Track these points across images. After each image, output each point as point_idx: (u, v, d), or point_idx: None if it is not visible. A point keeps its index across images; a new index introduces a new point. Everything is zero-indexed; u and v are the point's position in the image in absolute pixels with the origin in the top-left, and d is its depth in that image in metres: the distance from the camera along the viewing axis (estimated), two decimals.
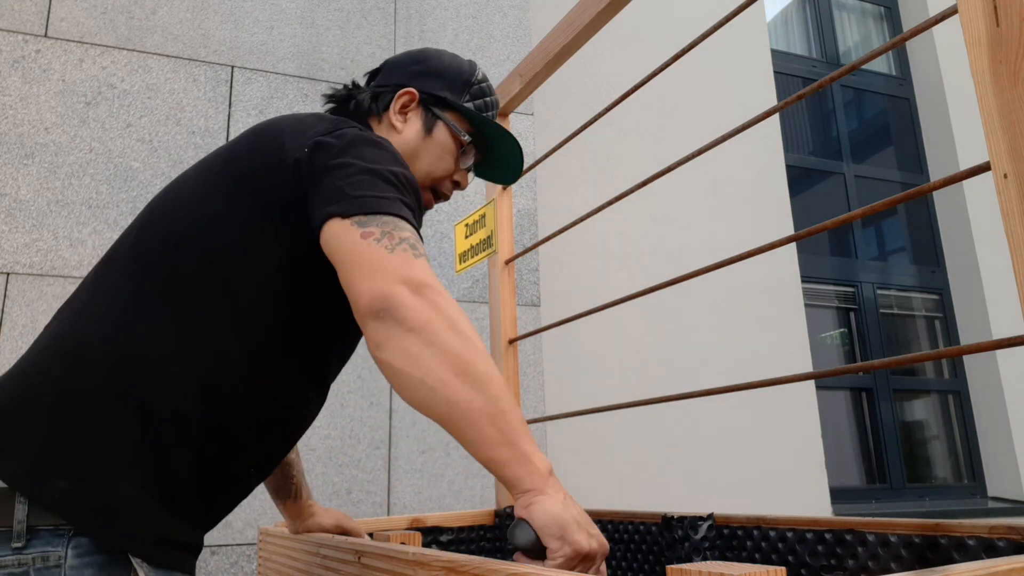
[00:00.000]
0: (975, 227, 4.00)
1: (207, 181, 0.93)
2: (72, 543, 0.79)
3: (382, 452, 2.39)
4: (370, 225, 0.82)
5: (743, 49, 3.73)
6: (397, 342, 0.78)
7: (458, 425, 0.77)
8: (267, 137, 0.93)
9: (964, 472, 3.91)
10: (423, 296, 0.79)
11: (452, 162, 1.12)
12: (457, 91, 1.12)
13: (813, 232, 1.04)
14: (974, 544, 0.94)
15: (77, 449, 0.81)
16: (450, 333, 0.78)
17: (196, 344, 0.86)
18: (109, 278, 0.91)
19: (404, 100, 1.10)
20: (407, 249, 0.82)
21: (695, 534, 1.26)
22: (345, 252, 0.82)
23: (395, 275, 0.79)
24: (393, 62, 1.16)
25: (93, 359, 0.84)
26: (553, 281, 3.05)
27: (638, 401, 1.35)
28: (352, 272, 0.81)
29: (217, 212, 0.90)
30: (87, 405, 0.82)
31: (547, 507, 0.74)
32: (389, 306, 0.78)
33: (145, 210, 0.97)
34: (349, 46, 2.70)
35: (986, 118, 0.77)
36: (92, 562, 0.79)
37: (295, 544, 1.24)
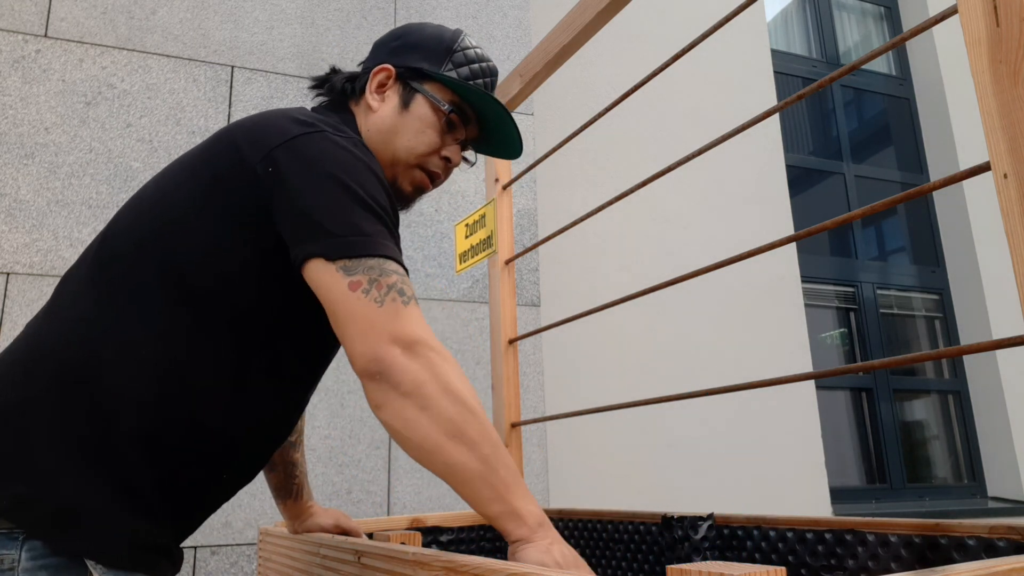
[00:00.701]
0: (975, 227, 4.00)
1: (167, 186, 0.92)
2: (26, 546, 0.79)
3: (382, 452, 2.39)
4: (356, 272, 0.83)
5: (743, 49, 3.73)
6: (393, 405, 0.81)
7: (455, 484, 0.82)
8: (226, 142, 0.91)
9: (964, 472, 3.91)
10: (416, 355, 0.82)
11: (436, 136, 1.06)
12: (436, 60, 1.07)
13: (813, 232, 1.04)
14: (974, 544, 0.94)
15: (31, 455, 0.81)
16: (443, 397, 0.81)
17: (152, 348, 0.86)
18: (72, 285, 0.91)
19: (380, 78, 1.06)
20: (396, 298, 0.83)
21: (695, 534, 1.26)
22: (335, 303, 0.83)
23: (387, 334, 0.81)
24: (377, 42, 1.13)
25: (47, 365, 0.84)
26: (553, 281, 3.05)
27: (638, 401, 1.35)
28: (344, 327, 0.83)
29: (176, 217, 0.89)
30: (40, 411, 0.82)
31: (530, 554, 0.81)
32: (383, 370, 0.81)
33: (115, 215, 0.97)
34: (349, 46, 2.70)
35: (986, 118, 0.77)
36: (47, 564, 0.79)
37: (295, 544, 1.24)
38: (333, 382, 2.39)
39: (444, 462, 0.81)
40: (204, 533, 2.15)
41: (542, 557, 0.80)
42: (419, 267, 2.60)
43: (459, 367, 0.85)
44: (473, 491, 0.82)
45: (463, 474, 0.81)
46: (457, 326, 2.60)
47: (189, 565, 2.12)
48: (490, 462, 0.82)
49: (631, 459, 3.00)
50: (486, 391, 2.55)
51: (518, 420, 1.68)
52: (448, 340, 2.57)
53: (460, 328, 2.60)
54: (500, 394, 1.70)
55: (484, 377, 2.58)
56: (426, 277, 2.60)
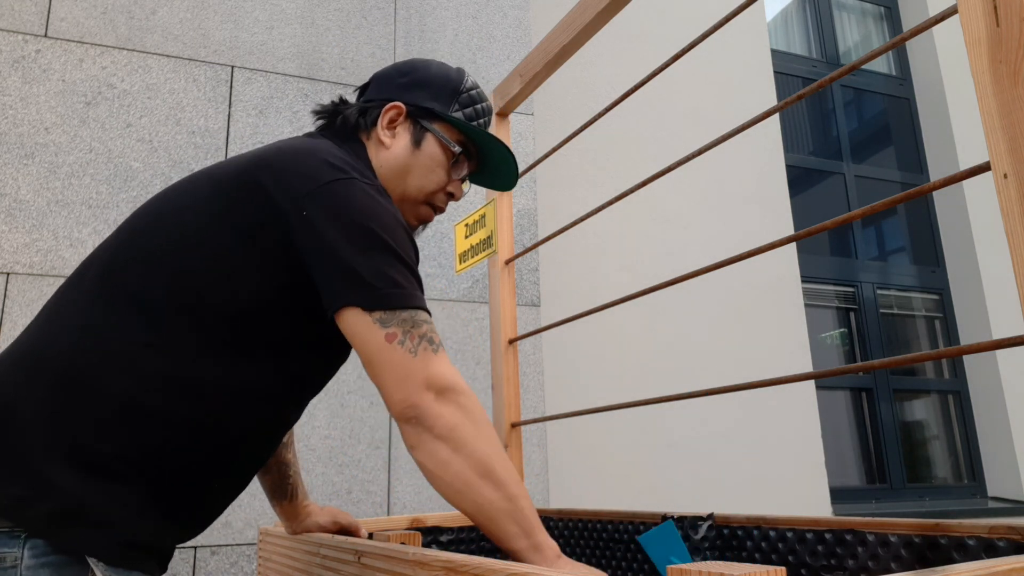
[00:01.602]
0: (975, 227, 4.00)
1: (189, 205, 0.94)
2: (28, 544, 0.80)
3: (382, 452, 2.39)
4: (392, 324, 0.89)
5: (743, 49, 3.73)
6: (428, 447, 0.88)
7: (483, 521, 0.89)
8: (255, 175, 0.93)
9: (964, 472, 3.91)
10: (448, 401, 0.89)
11: (444, 174, 1.11)
12: (445, 101, 1.11)
13: (813, 232, 1.04)
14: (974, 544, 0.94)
15: (30, 457, 0.82)
16: (475, 439, 0.89)
17: (151, 360, 0.87)
18: (78, 290, 0.92)
19: (391, 114, 1.09)
20: (427, 347, 0.90)
21: (695, 534, 1.26)
22: (372, 353, 0.89)
23: (421, 381, 0.88)
24: (381, 75, 1.15)
25: (49, 368, 0.85)
26: (553, 281, 3.05)
27: (638, 401, 1.35)
28: (383, 376, 0.89)
29: (194, 236, 0.91)
30: (40, 413, 0.83)
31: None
32: (419, 415, 0.88)
33: (128, 221, 0.98)
34: (349, 46, 2.70)
35: (986, 118, 0.77)
36: (48, 563, 0.80)
37: (295, 544, 1.24)
38: (333, 382, 2.39)
39: (474, 501, 0.88)
40: (204, 533, 2.15)
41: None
42: (419, 267, 2.60)
43: (483, 408, 0.92)
44: (501, 528, 0.89)
45: (492, 512, 0.89)
46: (457, 326, 2.60)
47: (189, 565, 2.12)
48: (516, 500, 0.90)
49: (631, 459, 3.00)
50: (486, 391, 2.55)
51: (518, 420, 1.68)
52: (448, 340, 2.57)
53: (460, 328, 2.60)
54: (500, 394, 1.70)
55: (484, 377, 2.58)
56: (426, 277, 2.60)
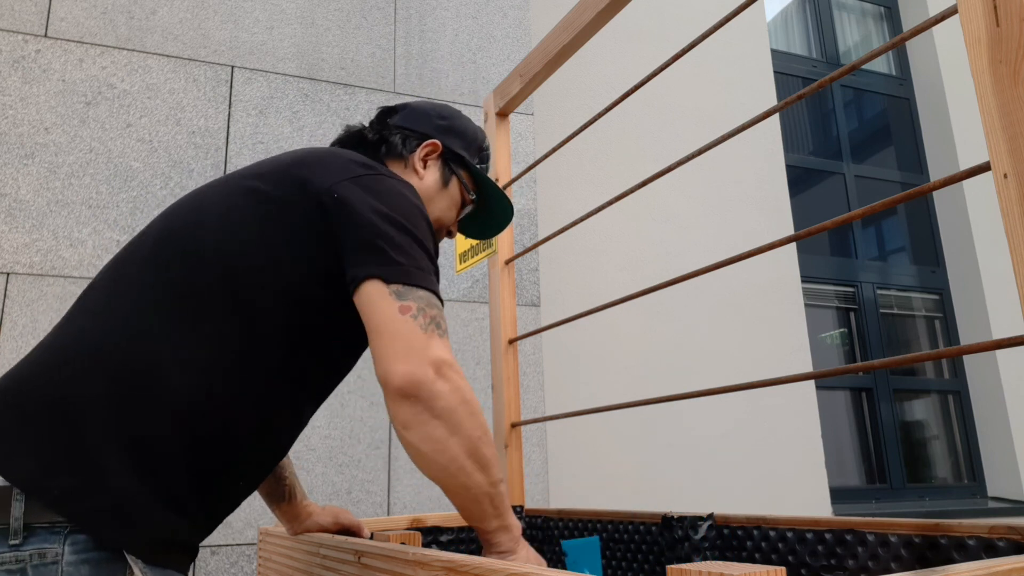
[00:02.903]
0: (975, 227, 4.00)
1: (234, 204, 0.97)
2: (69, 540, 0.80)
3: (382, 452, 2.39)
4: (408, 298, 0.91)
5: (743, 49, 3.73)
6: (424, 427, 0.89)
7: (464, 501, 0.93)
8: (293, 172, 0.98)
9: (964, 472, 3.91)
10: (447, 380, 0.90)
11: (455, 215, 1.22)
12: (472, 153, 1.23)
13: (813, 232, 1.04)
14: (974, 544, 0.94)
15: (83, 449, 0.82)
16: (469, 421, 0.90)
17: (206, 355, 0.89)
18: (124, 284, 0.93)
19: (429, 150, 1.18)
20: (434, 329, 0.91)
21: (695, 534, 1.26)
22: (382, 321, 0.90)
23: (425, 357, 0.89)
24: (419, 109, 1.23)
25: (106, 364, 0.86)
26: (553, 281, 3.05)
27: (638, 401, 1.35)
28: (386, 345, 0.89)
29: (242, 235, 0.94)
30: (96, 408, 0.84)
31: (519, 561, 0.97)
32: (419, 392, 0.88)
33: (163, 219, 0.99)
34: (349, 46, 2.70)
35: (986, 118, 0.77)
36: (89, 559, 0.81)
37: (295, 544, 1.25)
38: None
39: (463, 483, 0.91)
40: None
41: None
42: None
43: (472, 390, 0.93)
44: (479, 508, 0.94)
45: (476, 494, 0.92)
46: (457, 326, 2.60)
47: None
48: (497, 485, 0.94)
49: (631, 459, 3.00)
50: (486, 391, 2.55)
51: (518, 420, 1.68)
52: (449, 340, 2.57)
53: (460, 328, 2.60)
54: (500, 394, 1.70)
55: (484, 377, 2.58)
56: None
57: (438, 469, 0.90)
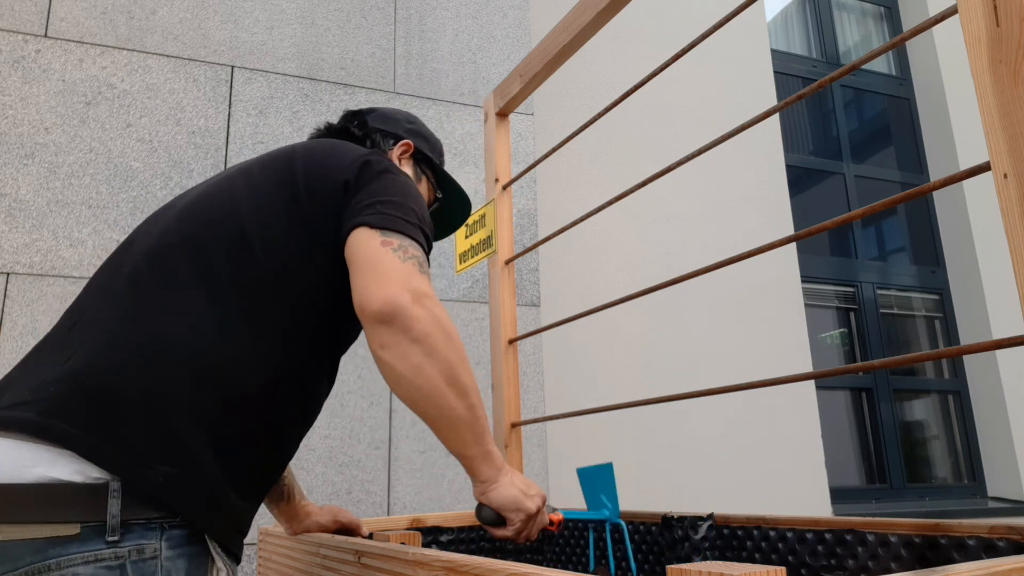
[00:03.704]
0: (975, 227, 4.00)
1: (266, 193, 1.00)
2: (165, 535, 0.82)
3: (382, 452, 2.39)
4: (391, 236, 0.94)
5: (743, 49, 3.73)
6: (401, 348, 0.90)
7: (442, 426, 0.93)
8: (316, 161, 1.04)
9: (964, 472, 3.91)
10: (424, 306, 0.91)
11: None
12: (436, 157, 1.33)
13: (813, 232, 1.04)
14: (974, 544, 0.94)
15: (176, 439, 0.84)
16: (446, 347, 0.91)
17: (269, 345, 0.93)
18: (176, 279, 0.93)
19: (403, 149, 1.27)
20: (415, 264, 0.94)
21: (695, 534, 1.26)
22: (364, 254, 0.93)
23: (403, 283, 0.90)
24: (388, 113, 1.31)
25: (179, 360, 0.87)
26: (553, 281, 3.05)
27: (638, 401, 1.35)
28: (366, 274, 0.91)
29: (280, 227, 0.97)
30: (184, 404, 0.86)
31: (500, 492, 1.00)
32: (396, 315, 0.89)
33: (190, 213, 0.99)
34: (349, 46, 2.70)
35: (986, 118, 0.77)
36: (184, 553, 0.84)
37: (295, 544, 1.25)
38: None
39: (438, 406, 0.92)
40: None
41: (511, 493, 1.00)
42: None
43: (452, 321, 0.95)
44: (457, 434, 0.94)
45: (453, 418, 0.93)
46: (457, 326, 2.60)
47: None
48: (475, 410, 0.94)
49: (631, 459, 3.00)
50: (486, 391, 2.55)
51: (518, 420, 1.68)
52: None
53: (460, 328, 2.60)
54: (500, 394, 1.70)
55: (484, 377, 2.58)
56: None
57: (414, 390, 0.90)
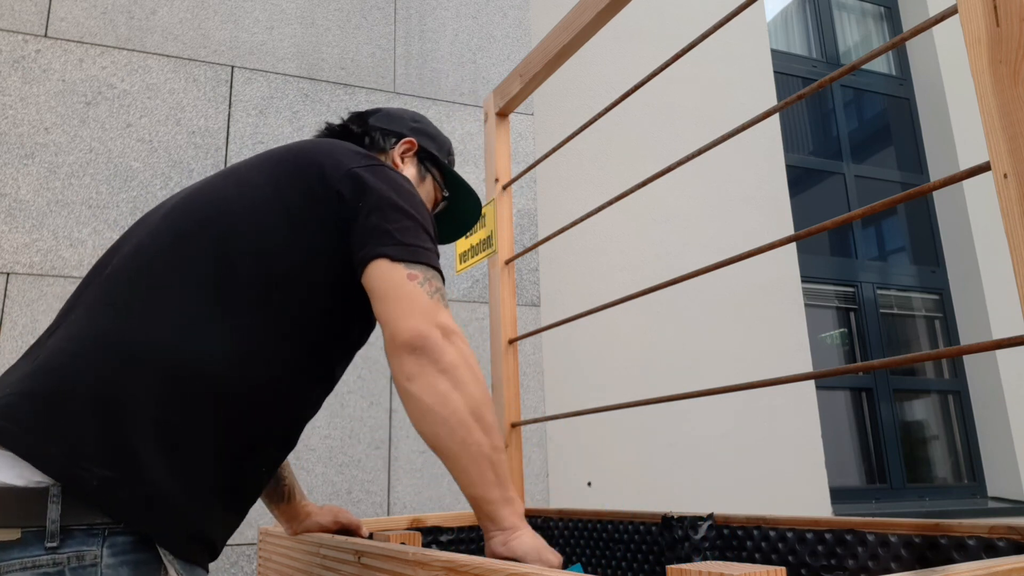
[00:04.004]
0: (975, 227, 4.00)
1: (257, 196, 0.99)
2: (107, 542, 0.80)
3: (382, 452, 2.39)
4: (415, 269, 0.95)
5: (743, 49, 3.73)
6: (428, 379, 0.90)
7: (466, 464, 0.90)
8: (307, 163, 1.02)
9: (964, 472, 3.91)
10: (452, 342, 0.93)
11: None
12: (443, 155, 1.30)
13: (813, 232, 1.04)
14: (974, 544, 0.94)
15: (121, 441, 0.82)
16: (473, 382, 0.92)
17: (247, 349, 0.91)
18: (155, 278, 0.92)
19: (406, 147, 1.25)
20: (440, 299, 0.95)
21: (695, 534, 1.26)
22: (390, 287, 0.93)
23: (432, 318, 0.92)
24: (392, 112, 1.30)
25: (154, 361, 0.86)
26: (553, 281, 3.05)
27: (638, 401, 1.35)
28: (394, 306, 0.92)
29: (270, 227, 0.96)
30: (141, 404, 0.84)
31: (525, 541, 0.93)
32: (426, 346, 0.90)
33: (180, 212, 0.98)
34: (349, 46, 2.70)
35: (986, 118, 0.77)
36: (127, 561, 0.80)
37: (295, 544, 1.25)
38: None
39: (463, 440, 0.89)
40: None
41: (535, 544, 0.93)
42: None
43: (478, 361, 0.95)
44: (480, 472, 0.90)
45: (476, 454, 0.90)
46: (457, 326, 2.60)
47: None
48: (499, 451, 0.92)
49: (631, 459, 3.00)
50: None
51: (518, 420, 1.68)
52: None
53: (460, 328, 2.60)
54: (500, 394, 1.70)
55: (484, 377, 2.57)
56: None
57: (440, 422, 0.89)
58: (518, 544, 0.92)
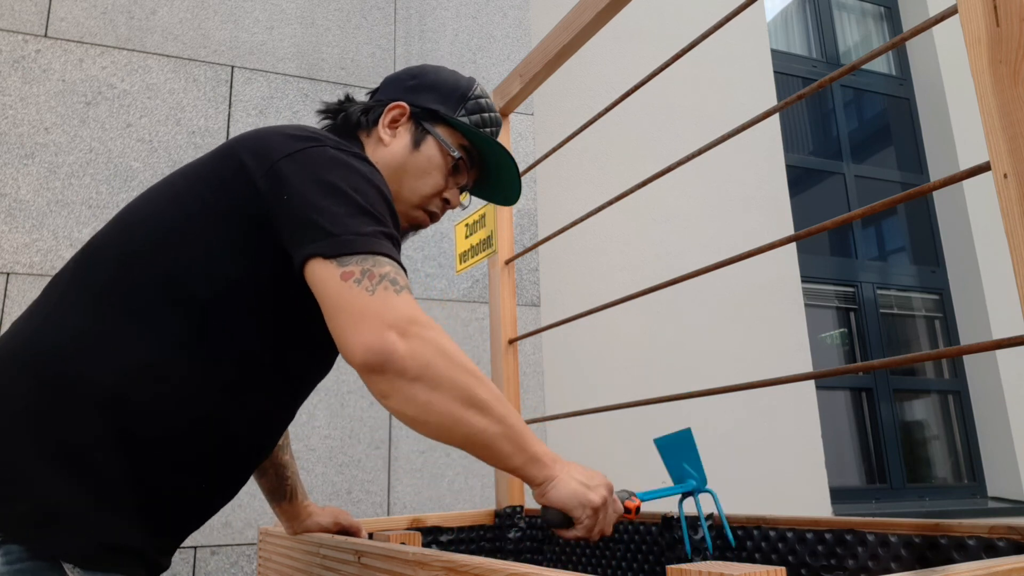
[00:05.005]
0: (975, 227, 4.00)
1: (168, 196, 0.92)
2: (2, 550, 0.77)
3: (382, 452, 2.39)
4: (350, 264, 0.82)
5: (743, 49, 3.73)
6: (403, 393, 0.81)
7: (476, 449, 0.86)
8: (228, 155, 0.92)
9: (964, 472, 3.91)
10: (413, 336, 0.81)
11: (441, 179, 1.09)
12: (451, 105, 1.10)
13: (813, 232, 1.04)
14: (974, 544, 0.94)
15: (8, 455, 0.79)
16: (451, 371, 0.82)
17: (141, 354, 0.85)
18: (55, 289, 0.90)
19: (394, 114, 1.08)
20: (388, 287, 0.82)
21: (695, 534, 1.26)
22: (328, 296, 0.82)
23: (380, 320, 0.80)
24: (391, 77, 1.15)
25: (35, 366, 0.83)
26: (553, 281, 3.05)
27: (638, 401, 1.35)
28: (337, 320, 0.81)
29: (177, 228, 0.89)
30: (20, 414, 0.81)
31: (559, 489, 0.91)
32: (385, 360, 0.79)
33: (108, 223, 0.96)
34: (349, 46, 2.70)
35: (986, 118, 0.77)
36: (23, 569, 0.77)
37: (295, 544, 1.25)
38: (333, 382, 2.39)
39: (465, 434, 0.84)
40: (204, 533, 2.15)
41: (571, 487, 0.91)
42: (419, 267, 2.60)
43: (449, 337, 0.85)
44: (495, 452, 0.86)
45: (484, 439, 0.85)
46: (457, 326, 2.60)
47: (189, 565, 2.12)
48: (505, 420, 0.86)
49: (631, 459, 3.00)
50: None
51: None
52: None
53: (460, 328, 2.60)
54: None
55: None
56: (426, 277, 2.60)
57: (432, 429, 0.83)
58: (555, 494, 0.91)
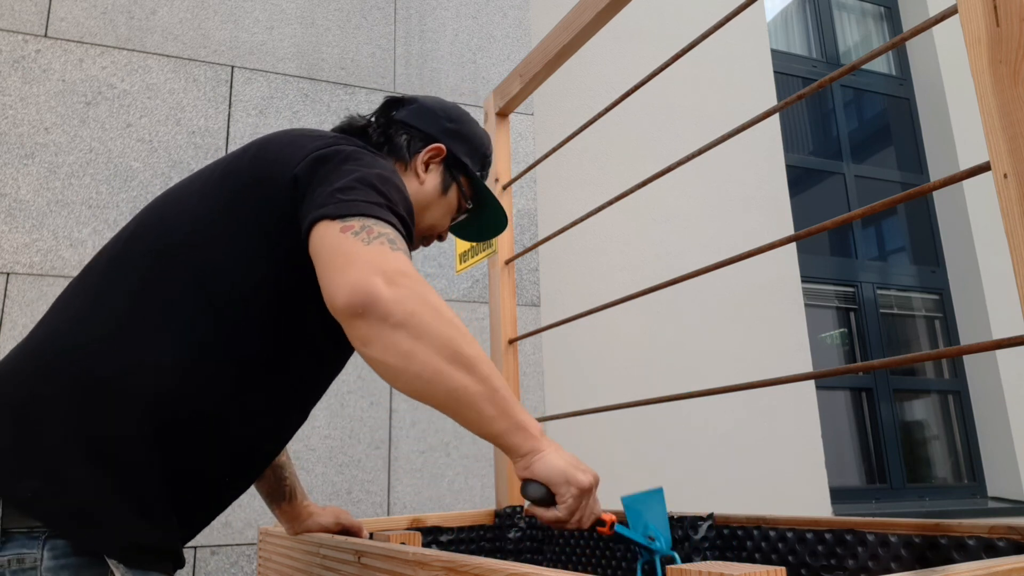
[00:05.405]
0: (975, 227, 4.00)
1: (203, 194, 0.94)
2: (48, 545, 0.78)
3: (382, 452, 2.39)
4: (351, 221, 0.82)
5: (743, 49, 3.73)
6: (385, 339, 0.78)
7: (457, 409, 0.81)
8: (266, 153, 0.94)
9: (964, 472, 3.91)
10: (400, 285, 0.78)
11: (448, 220, 1.19)
12: (476, 161, 1.18)
13: (813, 232, 1.04)
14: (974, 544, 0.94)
15: (41, 451, 0.80)
16: (436, 322, 0.79)
17: (176, 352, 0.86)
18: (91, 284, 0.91)
19: (432, 154, 1.13)
20: (384, 243, 0.81)
21: (695, 534, 1.26)
22: (323, 248, 0.81)
23: (370, 266, 0.78)
24: (426, 107, 1.17)
25: (67, 365, 0.84)
26: (553, 281, 3.05)
27: (638, 401, 1.35)
28: (326, 266, 0.80)
29: (210, 225, 0.90)
30: (55, 409, 0.82)
31: (547, 462, 0.85)
32: (369, 302, 0.77)
33: (137, 217, 0.97)
34: (349, 46, 2.70)
35: (986, 118, 0.77)
36: (68, 564, 0.78)
37: (295, 544, 1.25)
38: (333, 382, 2.39)
39: (446, 388, 0.79)
40: (204, 533, 2.15)
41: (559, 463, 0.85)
42: (419, 267, 2.60)
43: (438, 294, 0.83)
44: (477, 413, 0.81)
45: (466, 397, 0.80)
46: None
47: (189, 565, 2.12)
48: (489, 381, 0.81)
49: (631, 459, 3.00)
50: None
51: None
52: None
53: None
54: None
55: None
56: (426, 277, 2.60)
57: (412, 379, 0.78)
58: (540, 467, 0.84)
